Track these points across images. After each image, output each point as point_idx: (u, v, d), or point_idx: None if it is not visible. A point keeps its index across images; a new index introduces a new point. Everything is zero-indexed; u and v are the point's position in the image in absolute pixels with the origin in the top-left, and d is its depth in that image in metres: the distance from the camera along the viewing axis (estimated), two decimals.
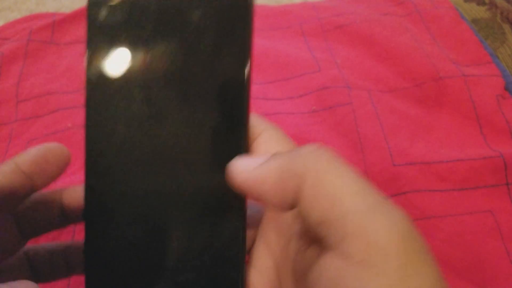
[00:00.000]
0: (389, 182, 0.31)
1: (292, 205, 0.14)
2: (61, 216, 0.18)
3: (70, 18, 0.47)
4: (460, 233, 0.30)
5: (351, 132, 0.35)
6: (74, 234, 0.29)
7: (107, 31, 0.16)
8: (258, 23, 0.48)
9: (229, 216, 0.16)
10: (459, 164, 0.32)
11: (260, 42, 0.43)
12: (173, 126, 0.16)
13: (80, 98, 0.40)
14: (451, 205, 0.31)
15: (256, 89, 0.39)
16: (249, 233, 0.17)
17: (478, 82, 0.37)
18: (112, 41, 0.16)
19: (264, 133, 0.17)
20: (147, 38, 0.16)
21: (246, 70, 0.16)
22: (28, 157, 0.16)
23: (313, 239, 0.14)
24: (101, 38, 0.16)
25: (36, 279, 0.18)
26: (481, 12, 0.44)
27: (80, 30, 0.47)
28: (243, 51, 0.17)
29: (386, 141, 0.34)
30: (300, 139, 0.35)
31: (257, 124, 0.17)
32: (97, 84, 0.16)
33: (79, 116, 0.38)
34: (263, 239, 0.17)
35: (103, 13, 0.16)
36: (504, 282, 0.28)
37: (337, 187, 0.13)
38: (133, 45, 0.16)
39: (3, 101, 0.40)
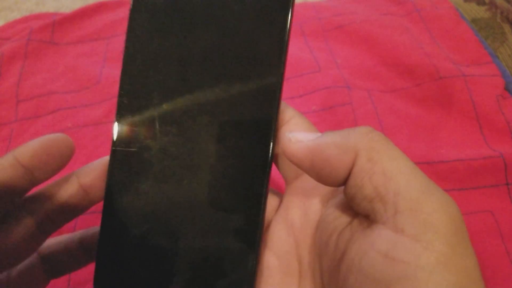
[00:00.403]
0: None
1: (343, 178, 0.14)
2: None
3: (70, 18, 0.47)
4: None
5: None
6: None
7: (149, 18, 0.16)
8: None
9: (248, 202, 0.16)
10: (459, 164, 0.32)
11: None
12: (204, 117, 0.16)
13: (80, 98, 0.40)
14: None
15: None
16: (266, 216, 0.17)
17: (478, 82, 0.37)
18: (153, 29, 0.16)
19: (292, 120, 0.17)
20: (186, 28, 0.16)
21: (282, 66, 0.16)
22: (27, 149, 0.15)
23: (360, 214, 0.14)
24: (142, 23, 0.16)
25: (50, 276, 0.18)
26: (481, 12, 0.44)
27: (81, 30, 0.47)
28: (281, 47, 0.16)
29: None
30: None
31: (285, 110, 0.17)
32: (133, 71, 0.16)
33: (79, 116, 0.38)
34: (284, 222, 0.17)
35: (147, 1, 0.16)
36: (504, 281, 0.28)
37: (391, 166, 0.13)
38: (172, 34, 0.16)
39: (3, 101, 0.40)
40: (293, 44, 0.44)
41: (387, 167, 0.13)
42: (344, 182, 0.15)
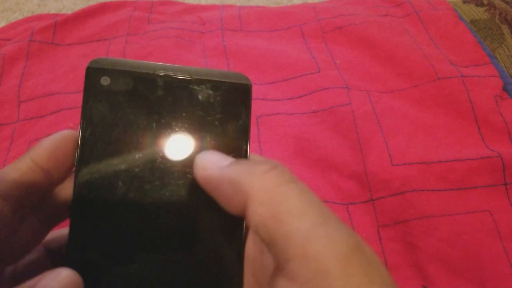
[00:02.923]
0: (388, 182, 0.32)
1: (242, 215, 0.14)
2: None
3: (71, 19, 0.48)
4: (459, 232, 0.30)
5: (350, 132, 0.35)
6: None
7: (104, 103, 0.16)
8: (258, 25, 0.49)
9: (228, 237, 0.16)
10: (458, 164, 0.32)
11: (260, 44, 0.43)
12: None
13: (81, 98, 0.40)
14: (450, 204, 0.31)
15: (256, 90, 0.39)
16: None
17: (477, 82, 0.37)
18: (109, 113, 0.16)
19: None
20: (145, 115, 0.16)
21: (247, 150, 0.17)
22: (43, 151, 0.15)
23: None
24: (97, 110, 0.16)
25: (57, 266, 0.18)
26: (479, 13, 0.45)
27: (82, 31, 0.47)
28: (244, 136, 0.17)
29: (385, 141, 0.34)
30: (300, 139, 0.35)
31: None
32: (89, 152, 0.16)
33: None
34: (246, 256, 0.17)
35: (102, 83, 0.16)
36: (502, 281, 0.28)
37: (282, 208, 0.13)
38: (130, 121, 0.16)
39: (5, 102, 0.40)
40: (292, 45, 0.44)
41: (277, 210, 0.13)
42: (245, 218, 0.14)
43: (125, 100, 0.16)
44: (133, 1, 0.51)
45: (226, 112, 0.17)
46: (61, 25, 0.47)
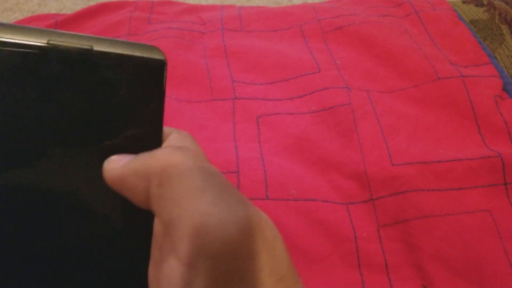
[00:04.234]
0: (388, 182, 0.32)
1: (147, 204, 0.14)
2: None
3: (72, 19, 0.48)
4: (458, 232, 0.30)
5: (350, 132, 0.35)
6: None
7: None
8: (258, 25, 0.49)
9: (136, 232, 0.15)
10: (457, 164, 0.32)
11: (261, 44, 0.43)
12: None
13: None
14: (449, 204, 0.31)
15: (256, 90, 0.39)
16: None
17: (476, 82, 0.37)
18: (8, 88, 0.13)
19: (170, 136, 0.16)
20: (35, 98, 0.14)
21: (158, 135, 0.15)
22: None
23: None
24: None
25: None
26: (479, 13, 0.45)
27: (82, 31, 0.47)
28: (156, 121, 0.15)
29: (385, 141, 0.34)
30: (300, 139, 0.35)
31: (166, 131, 0.16)
32: None
33: None
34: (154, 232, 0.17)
35: None
36: (501, 280, 0.28)
37: (180, 188, 0.13)
38: (17, 104, 0.13)
39: None
40: (292, 45, 0.44)
41: (175, 190, 0.13)
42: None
43: (12, 77, 0.13)
44: (134, 1, 0.51)
45: (133, 92, 0.14)
46: (61, 25, 0.47)
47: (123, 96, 0.14)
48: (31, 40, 0.13)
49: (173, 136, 0.16)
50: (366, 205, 0.32)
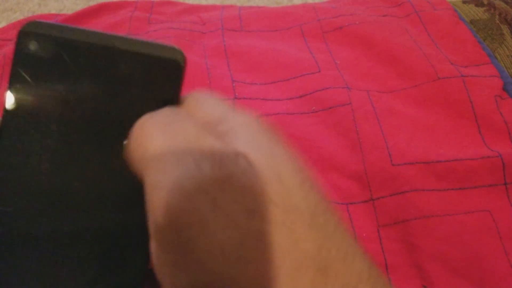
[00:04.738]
0: (388, 182, 0.32)
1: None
2: None
3: (72, 19, 0.48)
4: (459, 232, 0.30)
5: (350, 132, 0.35)
6: None
7: (34, 65, 0.15)
8: (258, 25, 0.49)
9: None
10: (458, 164, 0.32)
11: (261, 43, 0.43)
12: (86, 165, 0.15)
13: None
14: (450, 204, 0.31)
15: (256, 90, 0.39)
16: None
17: (477, 82, 0.37)
18: (37, 77, 0.15)
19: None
20: (72, 80, 0.15)
21: None
22: None
23: None
24: (26, 71, 0.15)
25: None
26: (479, 13, 0.45)
27: None
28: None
29: (385, 141, 0.34)
30: (300, 139, 0.35)
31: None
32: (14, 115, 0.15)
33: None
34: None
35: (33, 46, 0.15)
36: (501, 281, 0.28)
37: (147, 152, 0.12)
38: (57, 84, 0.15)
39: None
40: (292, 45, 0.44)
41: (142, 155, 0.13)
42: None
43: (48, 68, 0.15)
44: (134, 1, 0.51)
45: (152, 92, 0.15)
46: None
47: (142, 94, 0.15)
48: (69, 36, 0.15)
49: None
50: (366, 205, 0.32)
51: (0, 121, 0.15)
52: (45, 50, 0.15)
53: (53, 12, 0.59)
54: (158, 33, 0.45)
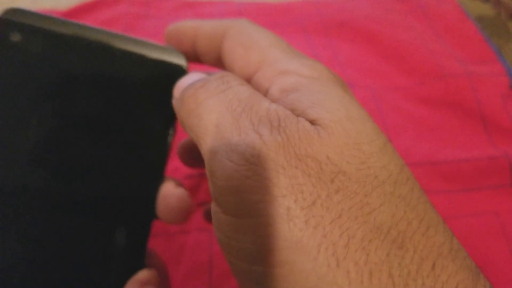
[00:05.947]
0: None
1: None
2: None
3: (67, 15, 0.47)
4: (465, 235, 0.29)
5: None
6: None
7: (10, 62, 0.14)
8: (260, 20, 0.48)
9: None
10: (464, 164, 0.31)
11: None
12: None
13: None
14: (456, 206, 0.30)
15: None
16: None
17: (483, 80, 0.36)
18: (13, 76, 0.14)
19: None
20: (51, 86, 0.14)
21: (170, 133, 0.15)
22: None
23: None
24: (8, 61, 0.14)
25: None
26: (486, 9, 0.44)
27: None
28: (169, 115, 0.15)
29: (390, 140, 0.33)
30: None
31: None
32: None
33: None
34: None
35: (12, 39, 0.14)
36: (508, 284, 0.28)
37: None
38: (34, 89, 0.14)
39: None
40: (294, 41, 0.43)
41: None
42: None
43: (33, 63, 0.14)
44: None
45: (149, 94, 0.15)
46: None
47: (138, 97, 0.15)
48: (58, 29, 0.14)
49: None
50: None
51: None
52: (28, 44, 0.14)
53: (47, 8, 0.58)
54: (154, 29, 0.44)
